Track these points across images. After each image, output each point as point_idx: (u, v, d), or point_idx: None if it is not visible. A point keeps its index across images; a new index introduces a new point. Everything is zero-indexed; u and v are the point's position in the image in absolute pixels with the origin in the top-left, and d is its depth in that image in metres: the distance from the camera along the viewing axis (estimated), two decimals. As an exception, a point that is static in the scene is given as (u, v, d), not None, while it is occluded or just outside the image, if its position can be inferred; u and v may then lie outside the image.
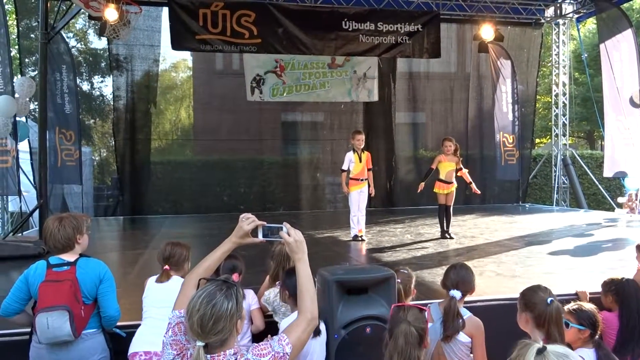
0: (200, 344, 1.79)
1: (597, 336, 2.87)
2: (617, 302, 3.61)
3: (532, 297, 2.79)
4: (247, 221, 2.15)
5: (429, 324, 2.59)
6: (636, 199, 11.31)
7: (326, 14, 10.59)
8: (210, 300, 1.81)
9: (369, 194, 8.04)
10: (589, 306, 3.00)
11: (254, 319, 3.53)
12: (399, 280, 3.30)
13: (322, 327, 3.09)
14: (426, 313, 3.08)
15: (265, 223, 2.18)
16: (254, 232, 2.16)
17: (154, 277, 3.49)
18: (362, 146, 7.80)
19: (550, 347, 1.48)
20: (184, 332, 1.93)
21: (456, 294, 3.11)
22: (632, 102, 10.05)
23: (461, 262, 3.49)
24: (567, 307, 3.04)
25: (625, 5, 13.01)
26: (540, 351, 1.47)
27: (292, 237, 2.12)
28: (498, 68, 12.34)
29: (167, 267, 3.44)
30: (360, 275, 3.28)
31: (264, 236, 2.17)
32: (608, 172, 11.00)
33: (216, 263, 2.19)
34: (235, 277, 3.44)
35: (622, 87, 10.45)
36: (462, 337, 3.05)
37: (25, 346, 3.10)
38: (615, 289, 3.64)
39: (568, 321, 2.96)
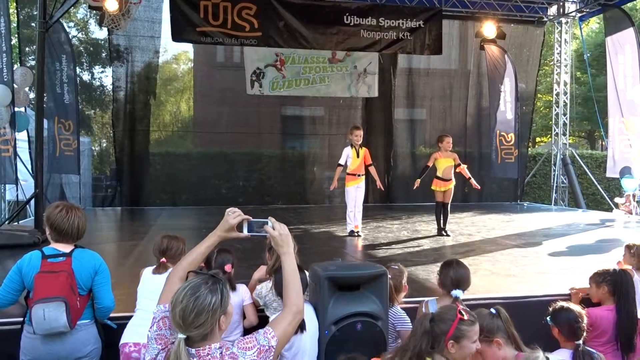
0: (181, 336, 1.79)
1: (581, 339, 2.86)
2: (612, 294, 3.57)
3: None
4: (233, 215, 2.15)
5: None
6: (634, 200, 11.31)
7: (328, 8, 10.53)
8: (194, 292, 1.81)
9: (379, 188, 8.23)
10: (575, 307, 2.99)
11: (247, 314, 3.52)
12: (389, 277, 3.30)
13: (312, 318, 3.08)
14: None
15: (250, 218, 2.17)
16: (239, 227, 2.16)
17: (150, 268, 3.50)
18: (360, 142, 7.80)
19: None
20: (169, 327, 1.92)
21: (459, 293, 3.09)
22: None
23: (455, 258, 3.48)
24: (553, 306, 3.06)
25: (629, 5, 12.98)
26: None
27: (277, 230, 2.12)
28: (498, 66, 12.29)
29: (164, 259, 3.45)
30: (352, 272, 3.28)
31: (249, 231, 2.17)
32: (611, 173, 11.00)
33: (201, 257, 2.18)
34: (228, 267, 3.43)
35: (624, 88, 10.46)
36: None
37: (16, 336, 3.10)
38: (612, 279, 3.60)
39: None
